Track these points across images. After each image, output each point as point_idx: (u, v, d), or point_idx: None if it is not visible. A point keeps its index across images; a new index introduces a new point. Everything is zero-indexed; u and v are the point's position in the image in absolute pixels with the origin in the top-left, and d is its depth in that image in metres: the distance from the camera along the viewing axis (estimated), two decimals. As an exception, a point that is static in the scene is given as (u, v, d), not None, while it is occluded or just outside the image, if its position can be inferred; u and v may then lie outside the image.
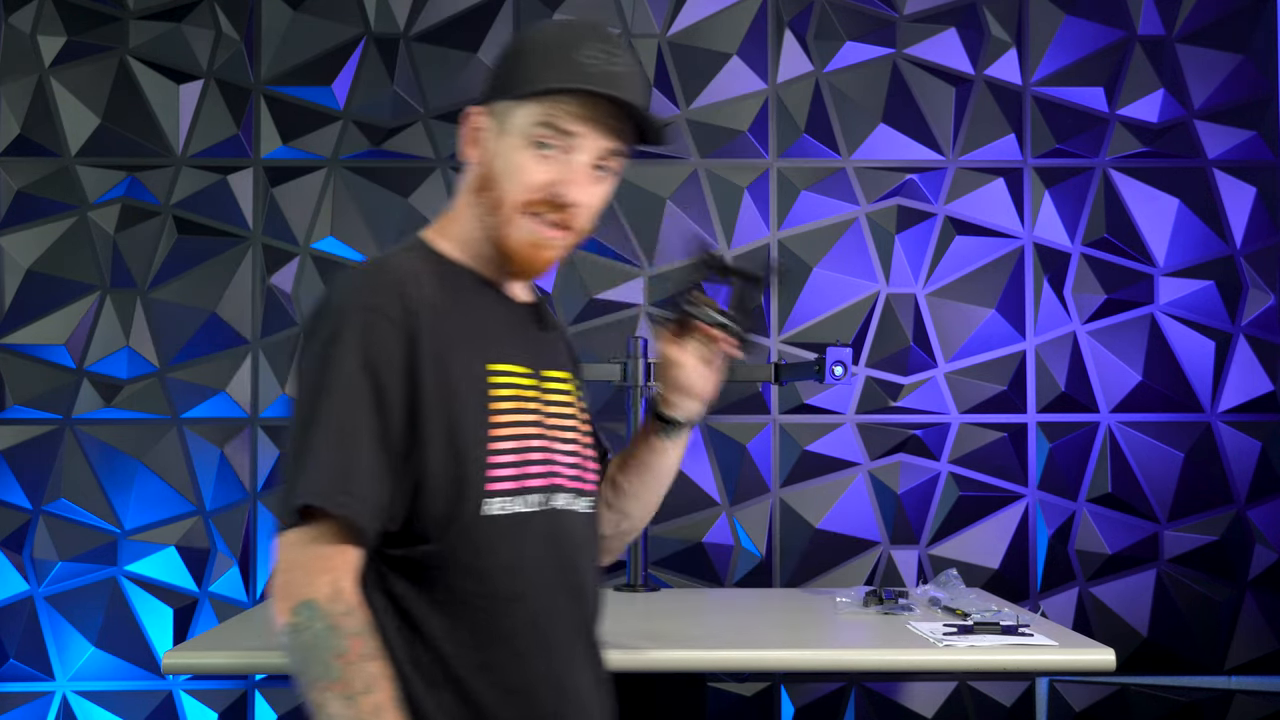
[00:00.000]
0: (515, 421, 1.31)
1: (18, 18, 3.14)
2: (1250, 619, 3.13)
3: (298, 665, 1.22)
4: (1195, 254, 3.19)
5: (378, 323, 1.25)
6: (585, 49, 1.32)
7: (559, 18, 1.39)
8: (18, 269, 3.11)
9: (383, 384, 1.24)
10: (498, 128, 1.34)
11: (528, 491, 1.31)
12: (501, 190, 1.33)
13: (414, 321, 1.27)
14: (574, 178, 1.33)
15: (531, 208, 1.33)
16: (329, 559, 1.22)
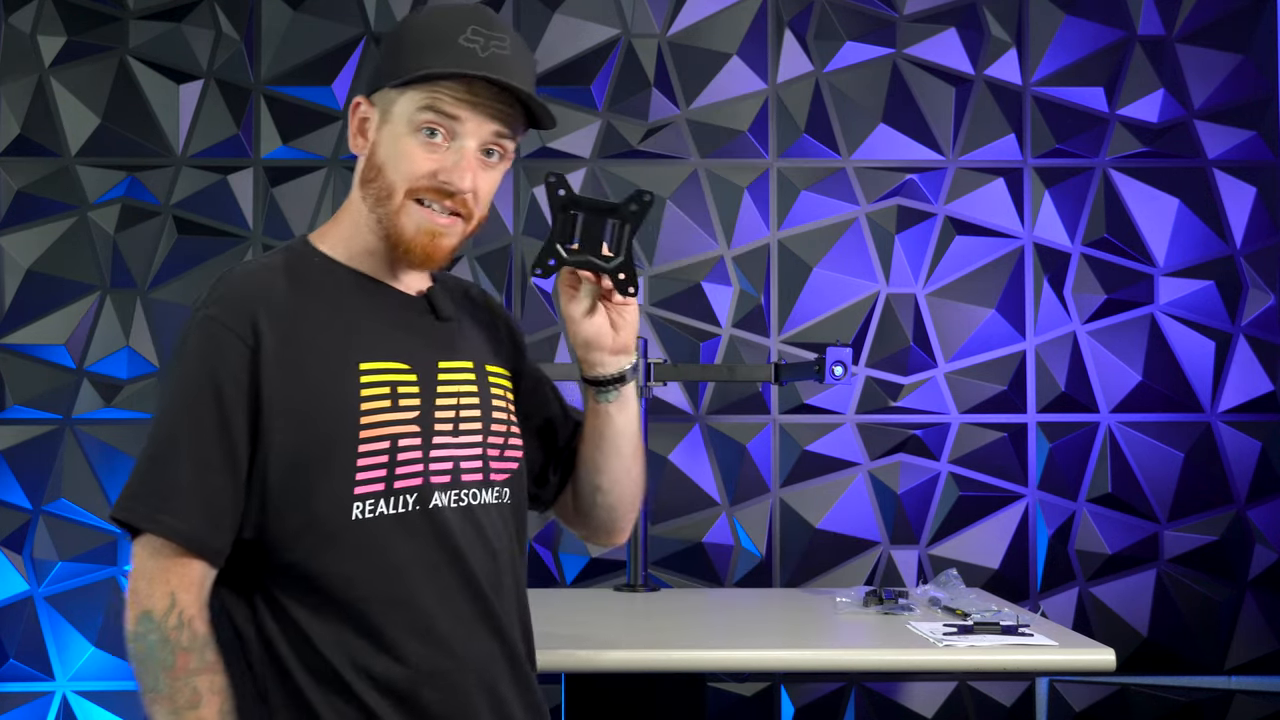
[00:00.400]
0: (386, 421, 1.28)
1: (18, 18, 3.15)
2: (1250, 619, 3.13)
3: (136, 675, 1.24)
4: (1195, 254, 3.19)
5: (218, 333, 1.26)
6: (466, 33, 1.29)
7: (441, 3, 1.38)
8: (18, 269, 3.11)
9: (221, 396, 1.24)
10: (381, 116, 1.33)
11: (400, 492, 1.28)
12: (389, 179, 1.32)
13: (255, 331, 1.26)
14: (462, 164, 1.31)
15: (420, 194, 1.31)
16: (168, 571, 1.23)
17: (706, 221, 3.20)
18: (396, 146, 1.31)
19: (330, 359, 1.28)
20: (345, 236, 1.38)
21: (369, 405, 1.28)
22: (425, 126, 1.30)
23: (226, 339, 1.25)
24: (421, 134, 1.30)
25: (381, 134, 1.33)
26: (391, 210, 1.32)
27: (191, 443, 1.24)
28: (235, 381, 1.25)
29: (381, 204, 1.33)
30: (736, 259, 3.19)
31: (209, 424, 1.24)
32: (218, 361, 1.25)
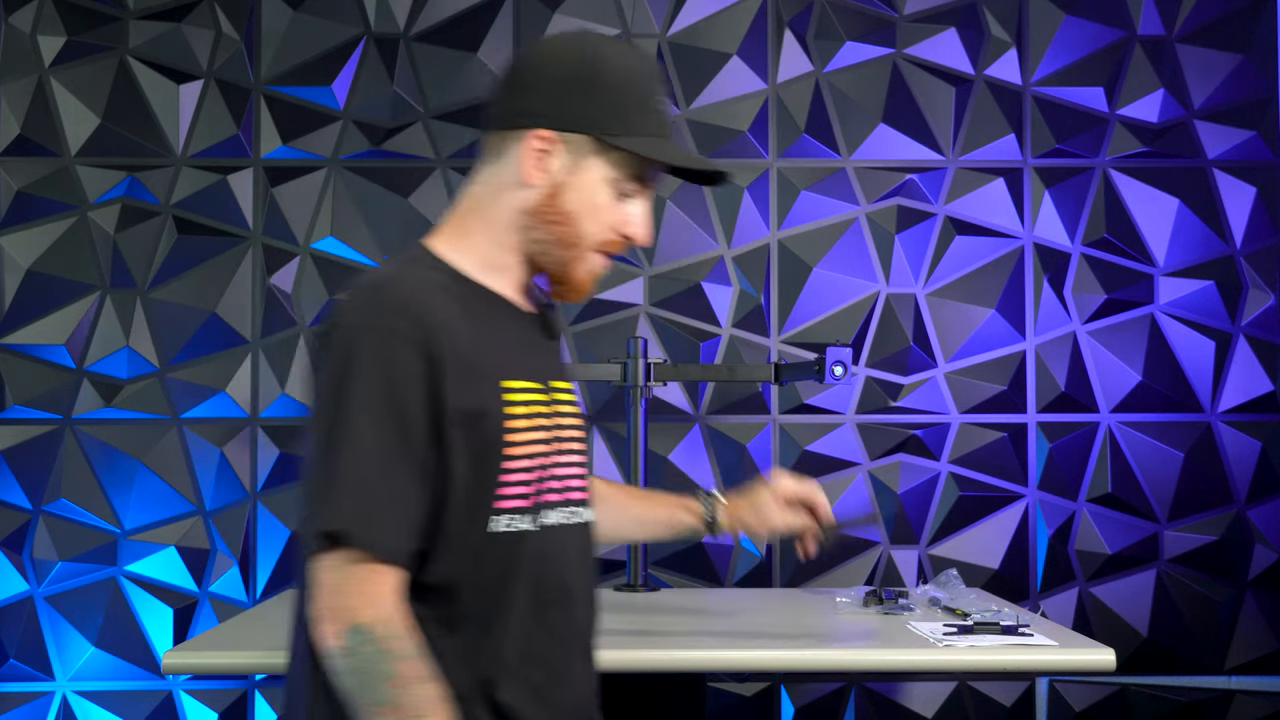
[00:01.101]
0: (526, 440, 1.31)
1: (18, 18, 3.15)
2: (1250, 619, 3.13)
3: (352, 690, 1.20)
4: (1195, 254, 3.19)
5: (394, 343, 1.23)
6: (658, 94, 1.36)
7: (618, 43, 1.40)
8: (18, 269, 3.11)
9: (405, 406, 1.23)
10: (572, 161, 1.33)
11: (538, 509, 1.32)
12: (581, 230, 1.34)
13: (431, 340, 1.25)
14: (648, 220, 1.39)
15: (606, 247, 1.36)
16: (371, 583, 1.21)
17: (707, 221, 3.20)
18: (592, 200, 1.34)
19: (482, 375, 1.29)
20: (479, 251, 1.36)
21: (512, 424, 1.30)
22: (622, 190, 1.36)
23: (407, 352, 1.23)
24: (614, 190, 1.35)
25: (572, 180, 1.33)
26: (571, 257, 1.36)
27: (387, 455, 1.22)
28: (420, 395, 1.23)
29: (563, 248, 1.35)
30: (736, 259, 3.19)
31: (400, 437, 1.22)
32: (402, 374, 1.23)
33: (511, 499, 1.29)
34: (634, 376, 2.77)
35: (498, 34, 3.19)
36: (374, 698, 1.18)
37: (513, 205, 1.35)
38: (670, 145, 1.36)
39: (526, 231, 1.35)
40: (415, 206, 3.16)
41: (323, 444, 1.23)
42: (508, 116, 1.35)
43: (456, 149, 3.18)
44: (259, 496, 3.12)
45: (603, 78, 1.32)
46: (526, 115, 1.33)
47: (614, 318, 3.17)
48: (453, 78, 3.19)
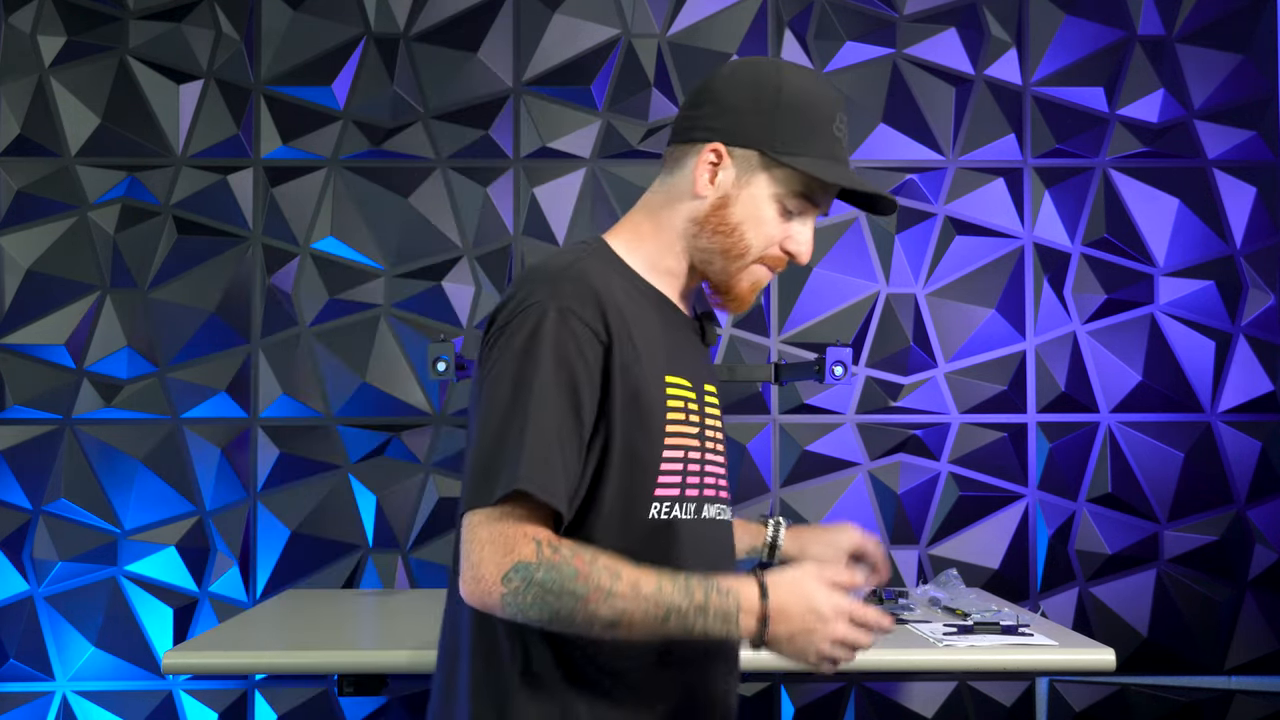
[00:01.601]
0: (682, 433, 1.37)
1: (18, 18, 3.15)
2: (1250, 619, 3.13)
3: (546, 616, 1.25)
4: (1195, 254, 3.19)
5: (576, 326, 1.30)
6: (837, 121, 1.39)
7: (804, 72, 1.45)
8: (18, 269, 3.11)
9: (579, 385, 1.29)
10: (744, 175, 1.39)
11: (687, 500, 1.37)
12: (747, 241, 1.40)
13: (608, 329, 1.32)
14: (811, 240, 1.43)
15: (768, 261, 1.41)
16: (523, 529, 1.26)
17: (706, 221, 3.19)
18: (758, 213, 1.39)
19: (650, 368, 1.35)
20: (650, 253, 1.44)
21: (672, 415, 1.37)
22: (788, 206, 1.40)
23: (583, 333, 1.30)
24: (780, 206, 1.40)
25: (741, 193, 1.39)
26: (737, 267, 1.41)
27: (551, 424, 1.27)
28: (590, 374, 1.30)
29: (727, 258, 1.41)
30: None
31: (566, 410, 1.28)
32: (574, 353, 1.29)
33: (667, 488, 1.35)
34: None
35: (498, 34, 3.19)
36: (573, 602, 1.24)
37: (683, 214, 1.42)
38: (837, 167, 1.39)
39: (694, 240, 1.41)
40: (415, 206, 3.16)
41: (504, 413, 1.28)
42: (687, 130, 1.42)
43: (456, 149, 3.18)
44: (259, 496, 3.12)
45: (781, 99, 1.38)
46: (703, 130, 1.40)
47: (614, 318, 3.17)
48: (453, 78, 3.19)
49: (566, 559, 1.24)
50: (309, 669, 2.22)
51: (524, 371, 1.28)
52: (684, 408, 1.39)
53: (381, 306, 3.15)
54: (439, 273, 3.15)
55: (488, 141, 3.18)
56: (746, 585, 1.29)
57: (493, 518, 1.26)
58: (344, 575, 3.11)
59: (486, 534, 1.26)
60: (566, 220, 3.17)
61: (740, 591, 1.28)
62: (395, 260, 3.15)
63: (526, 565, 1.23)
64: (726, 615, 1.27)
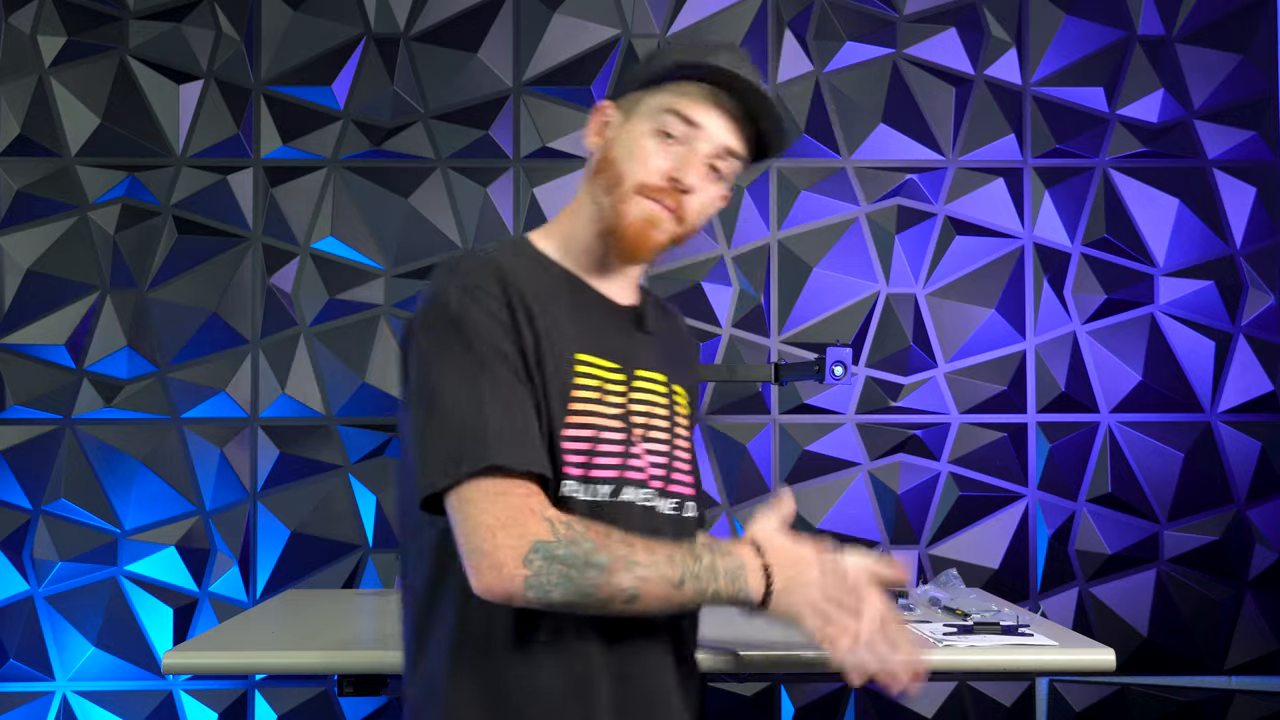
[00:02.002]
0: (593, 411, 1.34)
1: (18, 18, 3.15)
2: (1250, 619, 3.13)
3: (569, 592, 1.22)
4: (1195, 254, 3.19)
5: (481, 297, 1.29)
6: (720, 57, 1.38)
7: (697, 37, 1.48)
8: (18, 269, 3.11)
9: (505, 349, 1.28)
10: (623, 117, 1.41)
11: (594, 481, 1.33)
12: (621, 170, 1.38)
13: (510, 294, 1.31)
14: (692, 161, 1.38)
15: (649, 191, 1.37)
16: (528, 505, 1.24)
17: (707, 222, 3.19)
18: (634, 144, 1.38)
19: (552, 345, 1.33)
20: (566, 234, 1.44)
21: (578, 394, 1.33)
22: (665, 129, 1.37)
23: (490, 302, 1.29)
24: (660, 135, 1.38)
25: (620, 132, 1.40)
26: (617, 198, 1.38)
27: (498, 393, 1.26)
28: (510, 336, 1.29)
29: (609, 192, 1.39)
30: (736, 259, 3.19)
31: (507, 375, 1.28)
32: (491, 322, 1.29)
33: (571, 466, 1.32)
34: (634, 376, 2.77)
35: (498, 34, 3.19)
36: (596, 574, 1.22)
37: (584, 177, 1.44)
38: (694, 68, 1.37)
39: (593, 197, 1.41)
40: (415, 206, 3.16)
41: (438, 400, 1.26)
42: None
43: (456, 149, 3.18)
44: (259, 496, 3.12)
45: (659, 51, 1.43)
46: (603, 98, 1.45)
47: (614, 318, 3.17)
48: (453, 78, 3.19)
49: (582, 533, 1.23)
50: (309, 669, 2.22)
51: (452, 354, 1.28)
52: (599, 388, 1.35)
53: (381, 306, 3.15)
54: (439, 273, 3.15)
55: (488, 141, 3.18)
56: (741, 544, 1.30)
57: (489, 501, 1.22)
58: (344, 575, 3.11)
59: (492, 519, 1.22)
60: (566, 220, 3.16)
61: (740, 550, 1.29)
62: (395, 260, 3.15)
63: (545, 544, 1.21)
64: (735, 573, 1.27)
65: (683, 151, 1.38)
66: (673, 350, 1.52)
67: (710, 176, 1.41)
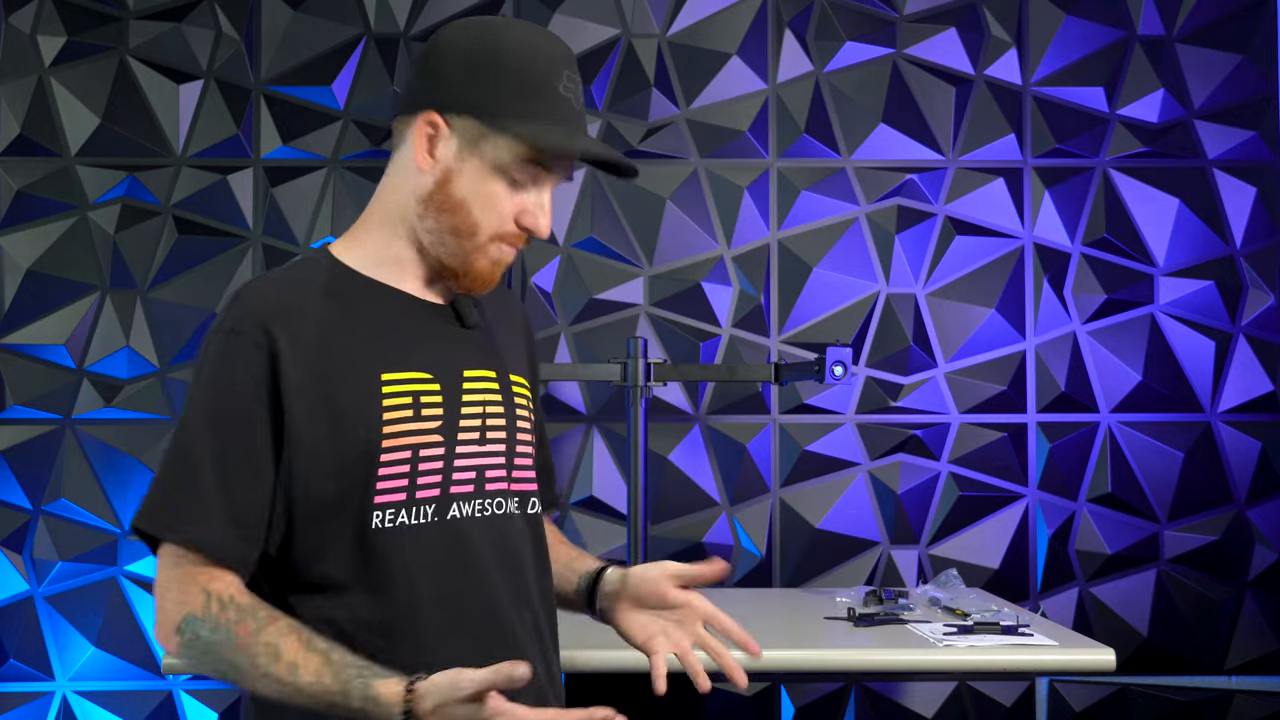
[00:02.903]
0: (409, 431, 1.27)
1: (18, 18, 3.15)
2: (1250, 619, 3.13)
3: (216, 675, 1.22)
4: (1195, 254, 3.19)
5: (238, 345, 1.24)
6: (563, 80, 1.28)
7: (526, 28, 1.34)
8: (18, 269, 3.11)
9: (241, 410, 1.23)
10: (463, 145, 1.27)
11: (420, 503, 1.27)
12: (474, 219, 1.28)
13: (274, 337, 1.24)
14: (546, 209, 1.31)
15: (505, 239, 1.30)
16: (197, 577, 1.22)
17: (706, 221, 3.20)
18: (484, 188, 1.28)
19: (353, 370, 1.26)
20: (373, 245, 1.33)
21: (391, 415, 1.26)
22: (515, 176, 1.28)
23: (244, 348, 1.24)
24: (509, 181, 1.28)
25: (464, 166, 1.28)
26: (471, 248, 1.29)
27: (214, 453, 1.23)
28: (256, 391, 1.23)
29: (459, 238, 1.29)
30: (736, 259, 3.19)
31: (232, 433, 1.23)
32: (239, 371, 1.23)
33: (389, 493, 1.25)
34: (634, 376, 2.77)
35: (498, 34, 3.19)
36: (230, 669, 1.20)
37: (407, 192, 1.30)
38: (560, 130, 1.26)
39: (421, 220, 1.30)
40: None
41: (176, 444, 1.26)
42: (407, 101, 1.31)
43: (456, 149, 3.17)
44: (259, 496, 3.12)
45: (498, 60, 1.26)
46: (418, 97, 1.29)
47: (614, 318, 3.17)
48: (453, 78, 3.18)
49: (230, 622, 1.19)
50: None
51: (187, 403, 1.26)
52: (412, 404, 1.27)
53: (381, 306, 3.15)
54: (439, 273, 3.15)
55: (488, 141, 3.17)
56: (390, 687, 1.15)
57: (172, 560, 1.23)
58: (344, 575, 3.11)
59: (165, 578, 1.23)
60: (566, 220, 3.17)
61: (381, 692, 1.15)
62: (395, 260, 3.15)
63: (195, 620, 1.20)
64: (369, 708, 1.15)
65: (534, 195, 1.30)
66: (502, 336, 1.43)
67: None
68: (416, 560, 1.26)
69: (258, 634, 1.19)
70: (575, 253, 3.17)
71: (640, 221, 3.18)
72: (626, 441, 2.80)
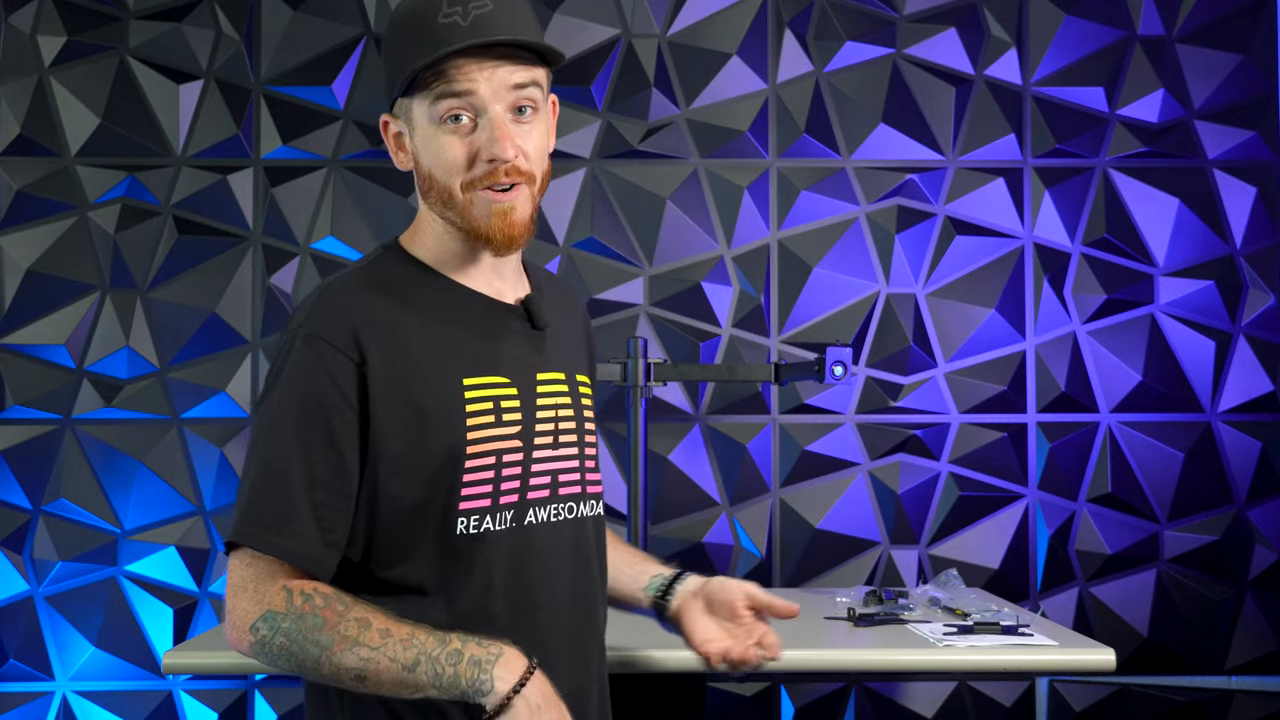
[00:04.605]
0: (491, 437, 1.28)
1: (18, 18, 3.14)
2: (1250, 619, 3.13)
3: (292, 665, 1.21)
4: (1195, 254, 3.19)
5: (325, 353, 1.24)
6: (443, 10, 1.26)
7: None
8: (18, 269, 3.11)
9: (329, 413, 1.23)
10: (409, 126, 1.33)
11: (503, 509, 1.28)
12: (441, 181, 1.31)
13: (363, 346, 1.25)
14: (496, 134, 1.28)
15: (477, 184, 1.29)
16: (277, 575, 1.23)
17: (706, 221, 3.20)
18: (432, 146, 1.30)
19: (436, 375, 1.27)
20: (431, 244, 1.37)
21: (475, 421, 1.27)
22: (447, 115, 1.28)
23: (331, 356, 1.24)
24: (448, 124, 1.28)
25: (416, 142, 1.33)
26: (458, 208, 1.31)
27: (303, 464, 1.23)
28: (343, 398, 1.24)
29: (448, 206, 1.32)
30: (736, 259, 3.19)
31: (319, 442, 1.23)
32: (325, 379, 1.23)
33: (474, 499, 1.27)
34: (634, 376, 2.77)
35: (498, 34, 3.19)
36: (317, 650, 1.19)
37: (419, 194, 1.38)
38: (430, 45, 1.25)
39: (431, 209, 1.35)
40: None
41: (251, 450, 1.26)
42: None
43: (456, 149, 3.17)
44: (259, 496, 3.11)
45: (393, 38, 1.31)
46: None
47: (614, 318, 3.17)
48: (453, 78, 3.18)
49: (316, 609, 1.20)
50: (309, 669, 2.22)
51: (270, 409, 1.25)
52: (494, 409, 1.28)
53: (381, 306, 3.15)
54: (439, 273, 3.15)
55: (488, 141, 3.17)
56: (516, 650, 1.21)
57: (248, 564, 1.23)
58: (344, 575, 3.11)
59: (239, 579, 1.23)
60: (566, 220, 3.17)
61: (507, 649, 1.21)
62: (395, 260, 3.15)
63: (274, 615, 1.20)
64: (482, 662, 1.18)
65: (480, 128, 1.28)
66: (568, 334, 1.45)
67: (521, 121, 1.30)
68: (495, 565, 1.28)
69: (345, 613, 1.20)
70: (575, 253, 3.17)
71: (640, 221, 3.18)
72: (626, 441, 2.81)
